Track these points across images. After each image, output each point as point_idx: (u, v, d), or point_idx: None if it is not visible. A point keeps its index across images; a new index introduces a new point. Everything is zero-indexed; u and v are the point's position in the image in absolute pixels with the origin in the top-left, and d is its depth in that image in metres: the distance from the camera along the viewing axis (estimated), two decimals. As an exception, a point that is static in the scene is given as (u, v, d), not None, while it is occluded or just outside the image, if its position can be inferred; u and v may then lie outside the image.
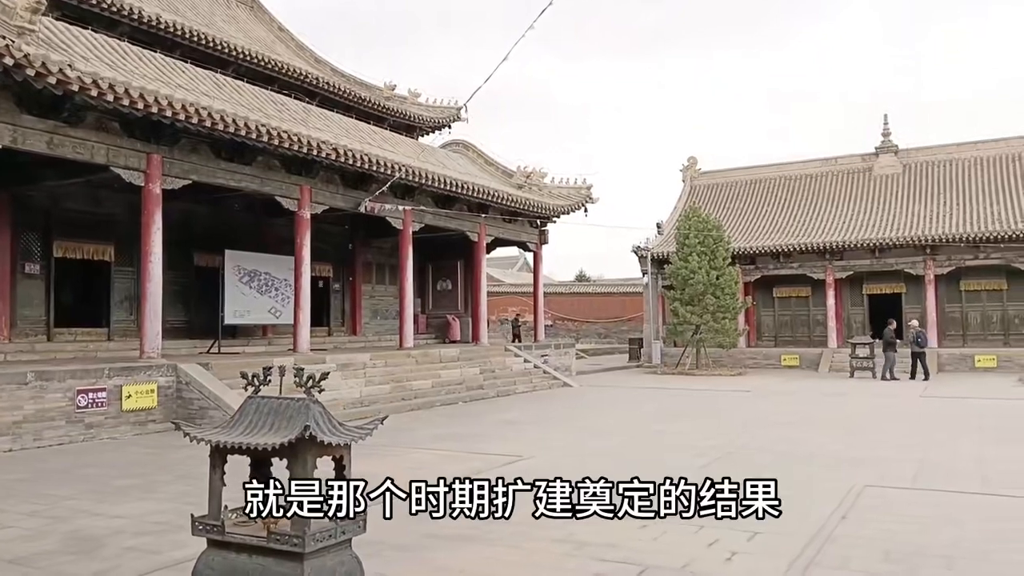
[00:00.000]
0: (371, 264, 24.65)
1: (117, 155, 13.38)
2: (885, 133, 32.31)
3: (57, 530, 6.47)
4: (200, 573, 3.79)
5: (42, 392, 11.37)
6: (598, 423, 14.14)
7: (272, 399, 3.85)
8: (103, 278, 17.41)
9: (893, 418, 14.35)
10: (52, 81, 11.18)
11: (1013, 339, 27.22)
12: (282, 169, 16.45)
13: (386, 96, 27.46)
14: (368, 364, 17.56)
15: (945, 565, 5.41)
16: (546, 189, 25.22)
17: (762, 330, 31.40)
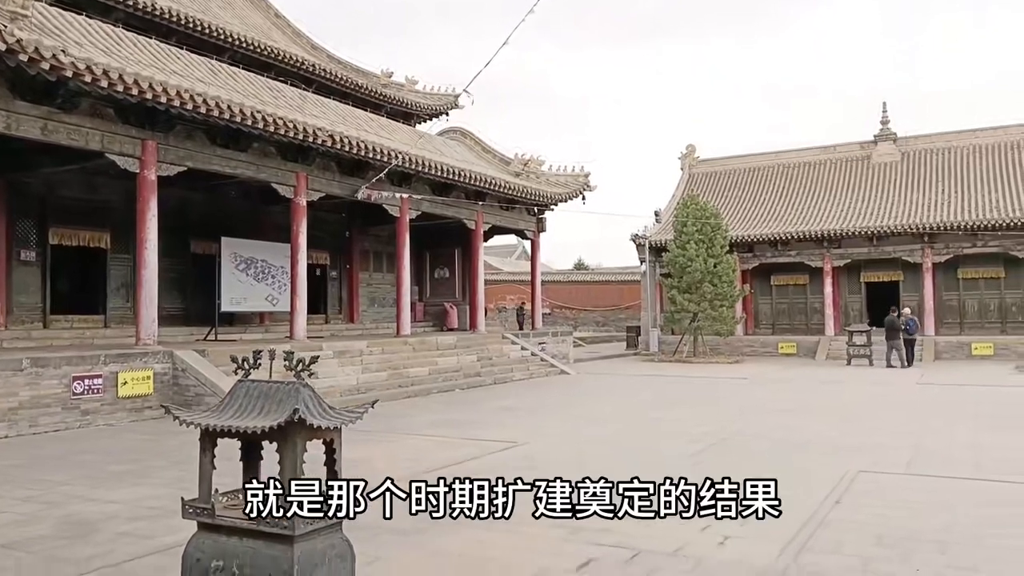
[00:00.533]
0: (368, 252, 24.62)
1: (112, 142, 13.33)
2: (884, 121, 32.23)
3: (51, 515, 6.48)
4: (190, 556, 3.78)
5: (37, 379, 11.37)
6: (595, 410, 14.16)
7: (262, 382, 3.83)
8: (99, 265, 17.38)
9: (889, 406, 14.37)
10: (45, 67, 11.12)
11: (1010, 327, 27.25)
12: (278, 156, 16.39)
13: (383, 83, 27.36)
14: (365, 351, 17.57)
15: (938, 550, 5.43)
16: (544, 177, 25.17)
17: (759, 318, 31.43)
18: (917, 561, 5.17)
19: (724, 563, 5.13)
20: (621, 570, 5.05)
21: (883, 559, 5.24)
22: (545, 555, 5.27)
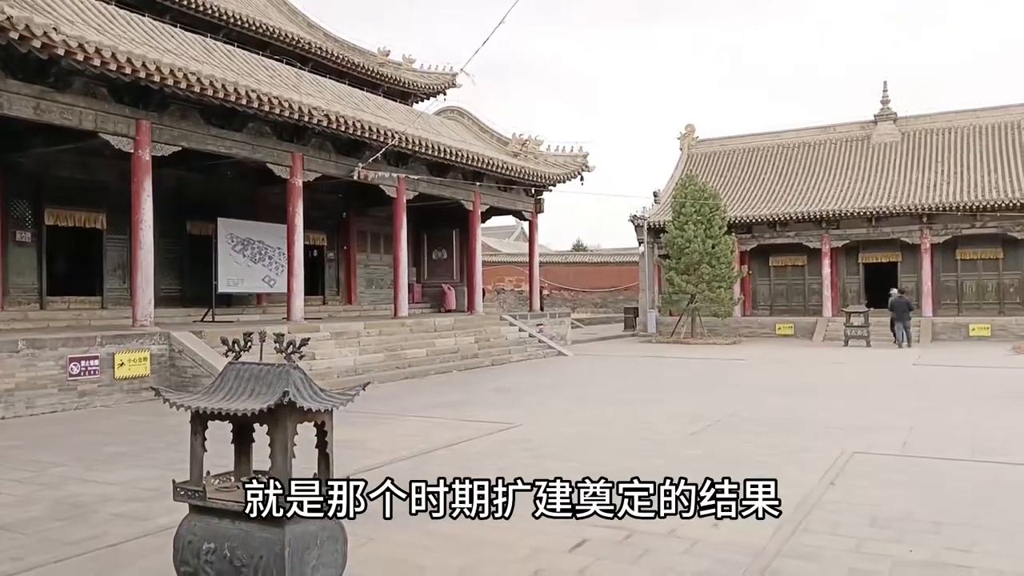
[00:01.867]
0: (366, 233, 24.53)
1: (106, 121, 13.21)
2: (884, 100, 32.01)
3: (46, 497, 6.48)
4: (182, 538, 3.78)
5: (34, 360, 11.35)
6: (591, 392, 14.17)
7: (253, 365, 3.81)
8: (96, 246, 17.30)
9: (885, 386, 14.40)
10: (37, 45, 10.98)
11: (1008, 308, 27.27)
12: (273, 136, 16.27)
13: (380, 62, 27.12)
14: (362, 333, 17.55)
15: (932, 530, 5.43)
16: (542, 157, 25.03)
17: (757, 299, 31.42)
18: (911, 542, 5.18)
19: (718, 544, 5.12)
20: (614, 550, 5.05)
21: (877, 539, 5.25)
22: (539, 535, 5.26)
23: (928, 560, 4.85)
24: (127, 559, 4.95)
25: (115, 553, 5.08)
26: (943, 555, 4.93)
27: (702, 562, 4.86)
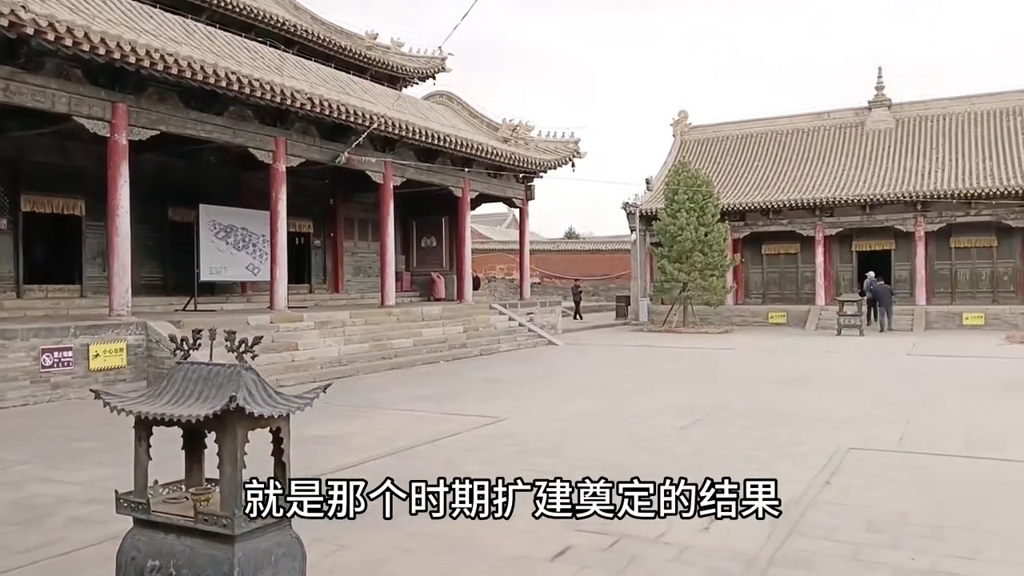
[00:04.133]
0: (353, 220, 24.12)
1: (80, 104, 12.78)
2: (879, 87, 31.65)
3: (2, 499, 6.15)
4: (126, 554, 3.46)
5: (4, 351, 10.99)
6: (582, 382, 13.90)
7: (202, 365, 3.49)
8: (75, 233, 16.89)
9: (878, 377, 14.16)
10: (4, 23, 10.56)
11: (1001, 297, 27.09)
12: (255, 120, 15.85)
13: (368, 45, 26.64)
14: (347, 322, 17.21)
15: (932, 534, 5.18)
16: (532, 143, 24.64)
17: (750, 287, 31.19)
18: (910, 548, 4.91)
19: (709, 550, 4.86)
20: (600, 558, 4.77)
21: (874, 545, 4.99)
22: (526, 536, 4.96)
23: (928, 569, 4.58)
24: (79, 568, 4.64)
25: (68, 562, 4.78)
26: (944, 563, 4.67)
27: (692, 570, 4.59)
